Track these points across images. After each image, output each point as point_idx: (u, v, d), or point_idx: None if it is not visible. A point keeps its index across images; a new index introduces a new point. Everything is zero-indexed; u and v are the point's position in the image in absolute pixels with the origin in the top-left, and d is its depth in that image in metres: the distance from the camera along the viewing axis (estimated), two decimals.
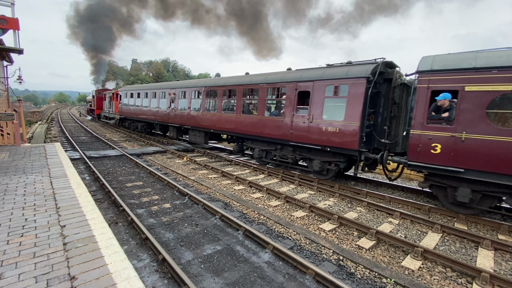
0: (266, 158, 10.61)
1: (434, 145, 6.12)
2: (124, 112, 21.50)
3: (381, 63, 7.41)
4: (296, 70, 9.58)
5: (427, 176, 6.72)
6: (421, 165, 6.32)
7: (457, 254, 4.86)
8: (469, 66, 5.72)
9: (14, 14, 6.07)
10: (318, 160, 8.65)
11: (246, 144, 11.44)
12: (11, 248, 2.92)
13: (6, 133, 9.14)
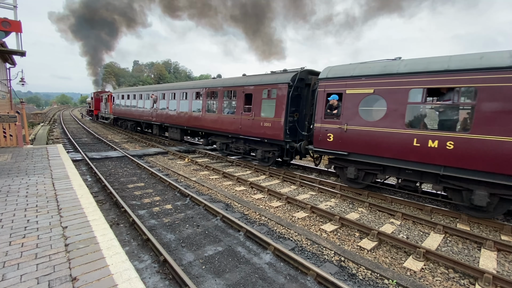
0: (226, 150, 12.60)
1: (329, 135, 8.03)
2: (117, 112, 23.85)
3: (299, 72, 9.27)
4: (244, 77, 11.58)
5: (330, 159, 8.50)
6: (321, 150, 8.37)
7: (460, 255, 4.83)
8: (349, 74, 7.64)
9: (17, 17, 6.12)
10: (261, 150, 10.60)
11: (211, 138, 13.39)
12: (13, 249, 2.93)
13: (8, 134, 9.19)
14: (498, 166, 5.39)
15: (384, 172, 7.38)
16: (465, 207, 6.31)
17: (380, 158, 7.09)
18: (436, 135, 6.13)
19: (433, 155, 6.18)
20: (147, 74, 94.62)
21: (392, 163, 6.88)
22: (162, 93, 16.83)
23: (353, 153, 7.59)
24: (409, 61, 6.84)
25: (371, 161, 7.25)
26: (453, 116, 6.28)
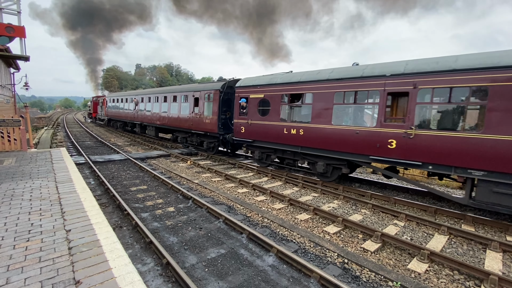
0: (186, 143, 15.62)
1: (241, 128, 11.06)
2: (109, 114, 27.42)
3: (228, 81, 12.41)
4: (195, 84, 14.99)
5: (246, 147, 11.70)
6: (238, 139, 11.45)
7: (465, 256, 4.78)
8: (251, 84, 10.80)
9: (21, 22, 6.20)
10: (206, 141, 13.72)
11: (175, 134, 16.60)
12: (17, 252, 2.95)
13: (13, 138, 9.27)
14: (327, 144, 8.19)
15: (275, 153, 10.40)
16: (316, 174, 9.15)
17: (270, 143, 10.11)
18: (294, 125, 9.14)
19: (294, 139, 9.15)
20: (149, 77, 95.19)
21: (277, 146, 9.87)
22: (141, 97, 19.98)
23: (256, 140, 10.69)
24: (284, 74, 9.99)
25: (266, 145, 10.34)
26: (302, 112, 9.40)
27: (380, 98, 7.09)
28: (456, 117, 6.37)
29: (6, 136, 9.17)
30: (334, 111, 8.04)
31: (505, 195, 5.46)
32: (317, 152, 8.53)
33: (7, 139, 9.17)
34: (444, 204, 7.35)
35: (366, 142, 7.32)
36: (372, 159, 7.30)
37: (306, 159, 9.30)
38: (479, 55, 5.88)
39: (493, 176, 5.55)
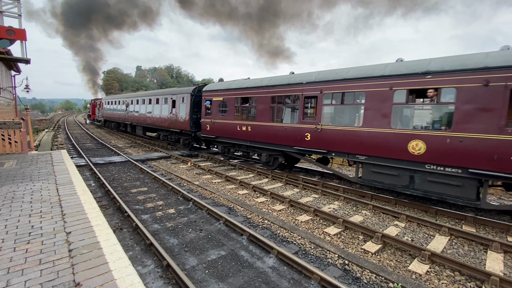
0: (167, 140, 17.57)
1: (207, 126, 12.82)
2: (105, 115, 29.55)
3: (198, 86, 14.26)
4: (173, 88, 17.12)
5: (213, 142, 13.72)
6: (205, 136, 13.21)
7: (466, 257, 4.76)
8: (214, 89, 12.67)
9: (22, 25, 6.23)
10: (183, 138, 15.53)
11: (158, 133, 18.58)
12: (17, 255, 2.96)
13: (14, 141, 9.30)
14: (267, 139, 10.03)
15: (234, 147, 12.25)
16: (262, 163, 11.08)
17: (229, 139, 11.89)
18: (244, 123, 10.92)
19: (245, 135, 10.93)
20: (149, 79, 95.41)
21: (234, 141, 11.69)
22: (131, 100, 22.08)
23: (219, 136, 12.45)
24: (238, 81, 12.02)
25: (226, 141, 12.13)
26: (248, 112, 11.44)
27: (299, 101, 8.92)
28: (346, 115, 8.30)
29: (7, 138, 9.20)
30: (270, 111, 9.98)
31: (379, 174, 7.26)
32: (261, 145, 10.48)
33: (8, 142, 9.19)
34: (445, 205, 7.33)
35: (291, 136, 9.18)
36: (295, 149, 9.16)
37: (255, 151, 11.33)
38: (362, 68, 7.74)
39: (371, 160, 7.31)
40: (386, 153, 6.94)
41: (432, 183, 6.41)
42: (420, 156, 6.37)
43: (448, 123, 6.22)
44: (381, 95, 6.98)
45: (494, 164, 5.43)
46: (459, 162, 5.87)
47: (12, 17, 6.10)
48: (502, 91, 5.32)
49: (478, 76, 5.62)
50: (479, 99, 5.60)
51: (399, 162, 6.80)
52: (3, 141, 9.09)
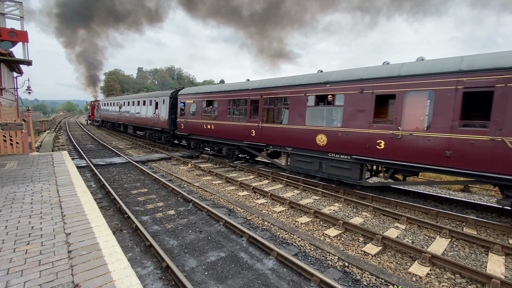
0: (151, 138, 19.73)
1: (182, 125, 14.79)
2: (102, 116, 31.96)
3: (176, 90, 16.24)
4: (157, 92, 20.33)
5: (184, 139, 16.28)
6: (180, 134, 15.38)
7: (467, 260, 4.74)
8: (187, 93, 14.82)
9: (23, 27, 6.27)
10: (163, 136, 17.85)
11: (145, 131, 20.88)
12: (17, 256, 2.96)
13: (15, 142, 9.34)
14: (225, 135, 11.91)
15: (203, 143, 14.49)
16: (224, 156, 12.91)
17: (198, 135, 13.96)
18: (209, 122, 12.93)
19: (210, 132, 12.90)
20: (151, 80, 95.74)
21: (202, 138, 13.78)
22: (123, 102, 24.38)
23: (191, 134, 14.49)
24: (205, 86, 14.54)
25: (196, 137, 14.23)
26: (212, 113, 13.04)
27: (247, 103, 10.92)
28: (277, 115, 10.13)
29: (9, 139, 9.24)
30: (227, 112, 11.94)
31: (300, 161, 9.20)
32: (222, 140, 12.39)
33: (9, 143, 9.23)
34: (446, 207, 7.30)
35: (242, 132, 11.09)
36: (245, 143, 11.11)
37: (218, 146, 13.20)
38: (289, 78, 9.78)
39: (295, 150, 9.24)
40: (303, 145, 8.88)
41: (333, 167, 8.29)
42: (324, 146, 8.29)
43: (340, 120, 7.93)
44: (299, 100, 8.92)
45: (366, 151, 7.29)
46: (347, 151, 7.75)
47: (14, 19, 6.16)
48: (370, 96, 7.18)
49: (357, 85, 7.44)
50: (357, 102, 7.41)
51: (311, 152, 8.74)
52: (5, 142, 9.13)
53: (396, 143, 6.74)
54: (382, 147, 7.00)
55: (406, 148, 6.58)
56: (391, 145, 6.83)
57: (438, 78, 6.09)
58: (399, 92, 6.69)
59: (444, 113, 6.01)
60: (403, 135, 6.60)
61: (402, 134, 6.60)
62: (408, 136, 6.53)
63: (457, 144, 5.84)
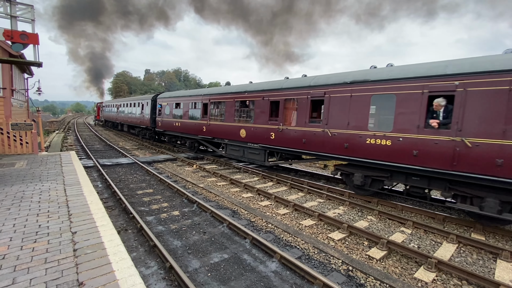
0: (140, 135, 22.97)
1: (159, 123, 17.83)
2: (104, 116, 35.74)
3: (157, 94, 19.55)
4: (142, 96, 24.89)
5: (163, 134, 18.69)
6: (157, 130, 18.51)
7: (474, 266, 4.64)
8: (165, 97, 17.66)
9: (34, 30, 6.43)
10: (148, 133, 20.65)
11: (135, 129, 23.88)
12: (24, 253, 3.02)
13: (25, 142, 9.54)
14: (189, 131, 14.59)
15: (174, 138, 17.33)
16: (188, 148, 15.75)
17: (171, 132, 16.60)
18: (178, 121, 15.59)
19: (179, 128, 15.56)
20: (158, 82, 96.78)
21: (174, 133, 16.41)
22: (120, 103, 27.65)
23: (166, 130, 17.18)
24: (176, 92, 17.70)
25: (170, 133, 16.90)
26: (179, 113, 15.70)
27: (201, 105, 13.77)
28: (219, 115, 12.76)
29: (19, 139, 9.45)
30: (189, 112, 14.75)
31: (232, 150, 12.13)
32: (186, 135, 15.17)
33: (19, 142, 9.44)
34: (453, 212, 7.18)
35: (198, 128, 13.93)
36: (199, 137, 13.93)
37: (183, 140, 16.33)
38: (225, 87, 13.10)
39: (229, 142, 12.07)
40: (233, 137, 11.77)
41: (250, 153, 11.25)
42: (245, 138, 11.18)
43: (252, 119, 10.92)
44: (231, 103, 11.91)
45: (266, 141, 10.23)
46: (257, 141, 10.66)
47: (25, 22, 6.32)
48: (267, 102, 10.20)
49: (261, 94, 10.49)
50: (261, 106, 10.44)
51: (238, 142, 11.60)
52: (15, 142, 9.34)
53: (279, 134, 9.73)
54: (273, 138, 9.97)
55: (286, 138, 9.52)
56: (277, 136, 9.80)
57: (297, 90, 9.17)
58: (281, 100, 9.70)
59: (301, 115, 8.98)
60: (283, 129, 9.58)
61: (282, 129, 9.59)
62: (285, 130, 9.51)
63: (308, 135, 8.72)
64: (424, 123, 6.16)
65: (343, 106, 7.70)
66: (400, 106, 6.52)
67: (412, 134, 6.30)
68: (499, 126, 5.13)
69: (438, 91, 5.95)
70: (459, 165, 5.61)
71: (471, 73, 5.50)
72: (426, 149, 6.07)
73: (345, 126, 7.62)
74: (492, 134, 5.22)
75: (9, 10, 6.18)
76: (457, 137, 5.63)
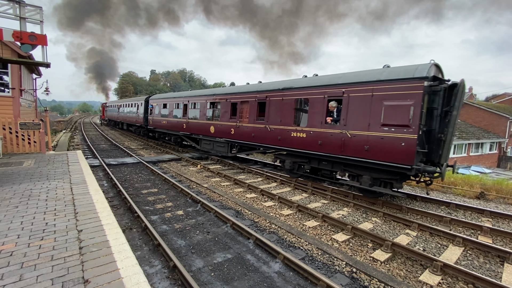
0: (135, 132, 25.72)
1: (150, 121, 20.39)
2: (108, 116, 39.03)
3: (149, 95, 22.30)
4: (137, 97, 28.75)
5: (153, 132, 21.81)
6: (149, 127, 21.08)
7: (481, 269, 4.57)
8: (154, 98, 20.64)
9: (43, 31, 6.54)
10: (141, 130, 23.60)
11: (132, 127, 26.74)
12: (31, 250, 3.07)
13: (33, 141, 9.71)
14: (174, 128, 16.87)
15: (164, 135, 19.47)
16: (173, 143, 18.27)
17: (160, 129, 18.74)
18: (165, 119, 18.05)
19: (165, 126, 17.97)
20: (163, 83, 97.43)
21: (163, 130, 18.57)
22: (120, 104, 30.63)
23: (156, 127, 19.41)
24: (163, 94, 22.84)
25: (159, 130, 19.07)
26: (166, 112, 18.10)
27: (182, 105, 15.99)
28: (195, 114, 14.71)
29: (27, 138, 9.62)
30: (173, 112, 16.99)
31: (205, 144, 14.01)
32: (171, 132, 17.41)
33: (27, 142, 9.61)
34: (460, 214, 7.08)
35: (180, 126, 16.13)
36: (181, 133, 16.14)
37: (169, 136, 18.73)
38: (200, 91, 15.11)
39: (203, 137, 14.01)
40: (206, 133, 13.77)
41: (218, 146, 13.13)
42: (214, 133, 13.13)
43: (218, 117, 12.98)
44: (204, 104, 14.01)
45: (228, 135, 12.12)
46: (223, 136, 12.48)
47: (34, 23, 6.44)
48: (229, 103, 12.12)
49: (225, 96, 12.48)
50: (225, 107, 12.33)
51: (210, 137, 13.53)
52: (23, 141, 9.51)
53: (237, 130, 11.60)
54: (233, 133, 11.85)
55: (241, 133, 11.37)
56: (236, 131, 11.71)
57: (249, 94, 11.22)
58: (238, 101, 11.71)
59: (251, 114, 10.96)
60: (239, 126, 11.46)
61: (239, 125, 11.46)
62: (241, 126, 11.36)
63: (255, 130, 10.65)
64: (324, 120, 8.05)
65: (277, 107, 9.69)
66: (311, 107, 8.49)
67: (318, 128, 8.25)
68: (366, 122, 6.95)
69: (333, 96, 7.91)
70: (345, 151, 7.47)
71: (352, 83, 7.40)
72: (327, 140, 7.96)
73: (279, 123, 9.63)
74: (362, 128, 7.06)
75: (18, 11, 6.31)
76: (343, 130, 7.50)
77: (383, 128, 6.61)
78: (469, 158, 24.50)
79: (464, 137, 23.81)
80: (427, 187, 7.45)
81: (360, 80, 7.22)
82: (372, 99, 6.85)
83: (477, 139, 24.72)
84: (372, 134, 6.83)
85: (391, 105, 6.46)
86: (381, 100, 6.65)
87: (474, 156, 25.12)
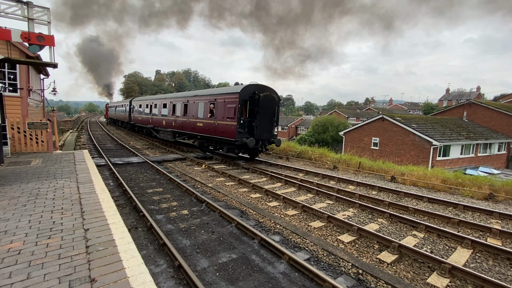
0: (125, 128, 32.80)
1: (132, 117, 27.79)
2: (110, 115, 43.74)
3: (133, 98, 31.17)
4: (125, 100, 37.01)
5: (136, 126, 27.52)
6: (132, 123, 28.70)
7: (490, 272, 4.48)
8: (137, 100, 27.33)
9: (50, 32, 6.62)
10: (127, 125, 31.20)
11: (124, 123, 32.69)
12: (39, 249, 3.10)
13: (40, 140, 9.84)
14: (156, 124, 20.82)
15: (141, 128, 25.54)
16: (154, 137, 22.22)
17: (138, 123, 25.39)
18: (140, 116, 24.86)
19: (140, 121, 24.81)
20: (168, 83, 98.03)
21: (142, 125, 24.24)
22: (117, 104, 37.27)
23: (136, 123, 26.03)
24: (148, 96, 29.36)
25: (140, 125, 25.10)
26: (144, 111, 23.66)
27: (150, 106, 21.77)
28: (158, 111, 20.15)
29: (35, 138, 9.75)
30: (145, 110, 22.49)
31: (162, 133, 19.36)
32: (143, 125, 23.10)
33: (35, 141, 9.74)
34: (468, 216, 6.96)
35: (147, 120, 22.21)
36: (149, 126, 21.67)
37: (144, 129, 23.90)
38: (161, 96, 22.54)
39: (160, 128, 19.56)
40: (161, 126, 19.15)
41: (168, 135, 18.11)
42: (164, 125, 18.50)
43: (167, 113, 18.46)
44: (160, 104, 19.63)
45: (172, 126, 17.59)
46: (169, 127, 18.00)
47: (42, 24, 6.51)
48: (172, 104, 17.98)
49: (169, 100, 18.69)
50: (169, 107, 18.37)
51: (163, 128, 18.76)
52: (31, 141, 9.64)
53: (175, 123, 16.99)
54: (174, 124, 17.19)
55: (177, 124, 16.71)
56: (175, 123, 16.99)
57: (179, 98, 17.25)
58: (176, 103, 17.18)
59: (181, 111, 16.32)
60: (176, 119, 16.81)
61: (176, 119, 16.77)
62: (177, 119, 16.77)
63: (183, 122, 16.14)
64: (208, 114, 13.63)
65: (192, 107, 15.26)
66: (204, 106, 14.12)
67: (206, 120, 13.79)
68: (224, 115, 12.44)
69: (211, 101, 13.53)
70: (216, 133, 12.97)
71: (216, 94, 13.39)
72: (210, 127, 13.44)
73: (192, 117, 15.20)
74: (222, 119, 12.54)
75: (26, 12, 6.39)
76: (215, 121, 13.03)
77: (226, 119, 12.28)
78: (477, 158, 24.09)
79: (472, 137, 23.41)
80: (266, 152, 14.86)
81: (220, 92, 13.32)
82: (224, 103, 12.51)
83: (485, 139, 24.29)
84: (223, 122, 12.47)
85: (229, 106, 12.15)
86: (226, 104, 12.33)
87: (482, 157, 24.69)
